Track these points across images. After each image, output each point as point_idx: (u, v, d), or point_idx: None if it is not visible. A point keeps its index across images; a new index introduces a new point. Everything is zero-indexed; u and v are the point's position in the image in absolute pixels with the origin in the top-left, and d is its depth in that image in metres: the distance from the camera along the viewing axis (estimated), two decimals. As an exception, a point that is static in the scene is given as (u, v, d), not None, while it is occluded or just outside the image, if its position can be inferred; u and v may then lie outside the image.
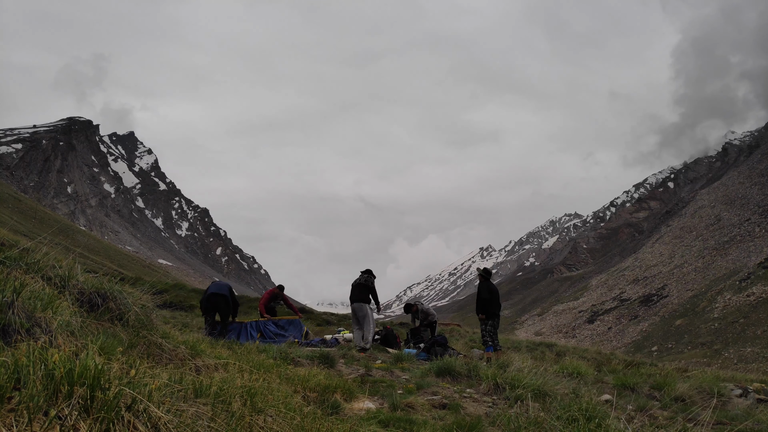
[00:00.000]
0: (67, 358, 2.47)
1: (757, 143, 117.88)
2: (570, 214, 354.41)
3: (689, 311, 57.48)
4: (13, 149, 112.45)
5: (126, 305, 4.42)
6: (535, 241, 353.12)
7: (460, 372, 7.40)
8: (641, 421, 5.14)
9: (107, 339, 3.51)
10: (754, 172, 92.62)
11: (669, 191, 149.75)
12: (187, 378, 3.41)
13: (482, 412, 5.57)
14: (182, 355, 4.39)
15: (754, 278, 55.04)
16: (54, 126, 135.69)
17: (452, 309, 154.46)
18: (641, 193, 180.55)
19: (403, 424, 4.66)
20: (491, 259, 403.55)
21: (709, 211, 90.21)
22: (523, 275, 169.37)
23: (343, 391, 5.47)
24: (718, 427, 5.75)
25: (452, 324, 28.11)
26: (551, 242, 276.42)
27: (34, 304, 3.29)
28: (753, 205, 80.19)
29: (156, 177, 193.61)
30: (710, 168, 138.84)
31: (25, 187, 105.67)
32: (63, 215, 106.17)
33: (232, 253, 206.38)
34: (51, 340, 3.07)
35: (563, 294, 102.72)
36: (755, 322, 45.47)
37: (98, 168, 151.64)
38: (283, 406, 3.53)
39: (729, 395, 7.92)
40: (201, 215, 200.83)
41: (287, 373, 5.58)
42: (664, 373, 10.21)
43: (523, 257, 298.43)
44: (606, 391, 7.29)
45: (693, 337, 49.51)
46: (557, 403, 5.18)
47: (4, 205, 63.81)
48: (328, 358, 7.83)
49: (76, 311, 3.79)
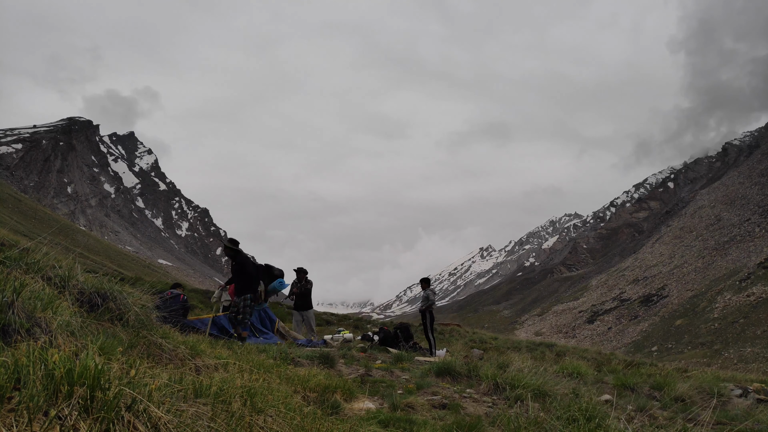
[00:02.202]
0: (67, 358, 2.47)
1: (757, 143, 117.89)
2: (570, 214, 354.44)
3: (689, 311, 57.47)
4: (13, 149, 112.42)
5: (126, 305, 4.42)
6: (535, 241, 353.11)
7: (460, 372, 7.40)
8: (641, 421, 5.14)
9: (107, 339, 3.51)
10: (754, 172, 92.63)
11: (669, 191, 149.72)
12: (187, 378, 3.40)
13: (482, 412, 5.57)
14: (182, 355, 4.39)
15: (754, 278, 55.04)
16: (54, 126, 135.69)
17: (452, 309, 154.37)
18: (641, 193, 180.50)
19: (403, 424, 4.66)
20: (491, 259, 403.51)
21: (709, 211, 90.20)
22: (523, 275, 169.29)
23: (343, 391, 5.47)
24: (718, 427, 5.75)
25: (452, 324, 28.10)
26: (551, 242, 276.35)
27: (34, 304, 3.29)
28: (753, 205, 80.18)
29: (156, 177, 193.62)
30: (710, 168, 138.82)
31: (25, 187, 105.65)
32: (63, 215, 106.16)
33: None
34: (51, 340, 3.07)
35: (563, 294, 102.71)
36: (755, 322, 45.47)
37: (98, 168, 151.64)
38: (283, 406, 3.53)
39: (729, 395, 7.91)
40: (201, 215, 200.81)
41: (287, 373, 5.58)
42: (664, 373, 10.21)
43: (523, 257, 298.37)
44: (606, 391, 7.29)
45: (693, 337, 49.50)
46: (557, 403, 5.18)
47: (4, 205, 63.80)
48: (328, 358, 7.83)
49: (76, 311, 3.79)
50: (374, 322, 25.55)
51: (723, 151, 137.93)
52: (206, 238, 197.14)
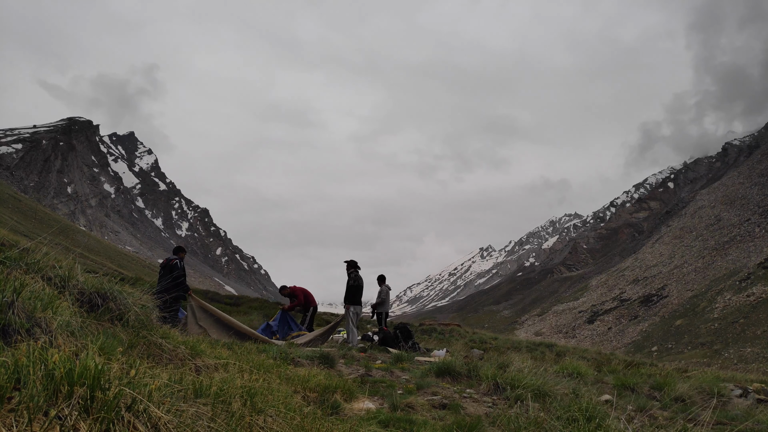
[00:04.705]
0: (67, 358, 2.47)
1: (757, 143, 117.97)
2: (570, 214, 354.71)
3: (689, 311, 57.48)
4: (13, 149, 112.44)
5: (126, 305, 4.42)
6: (535, 241, 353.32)
7: (460, 372, 7.40)
8: (641, 421, 5.14)
9: (107, 339, 3.51)
10: (754, 172, 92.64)
11: (669, 191, 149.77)
12: (187, 378, 3.40)
13: (482, 412, 5.57)
14: (182, 355, 4.39)
15: (754, 278, 55.05)
16: (54, 126, 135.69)
17: (452, 309, 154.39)
18: (641, 193, 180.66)
19: (403, 424, 4.66)
20: (491, 259, 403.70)
21: (709, 211, 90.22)
22: (523, 275, 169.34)
23: (343, 392, 5.47)
24: (718, 427, 5.75)
25: (452, 324, 28.12)
26: (551, 242, 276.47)
27: (34, 304, 3.29)
28: (753, 205, 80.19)
29: (156, 177, 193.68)
30: (710, 168, 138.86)
31: (25, 187, 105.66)
32: (63, 215, 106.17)
33: (232, 253, 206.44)
34: (51, 340, 3.07)
35: (563, 294, 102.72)
36: (755, 322, 45.48)
37: (98, 168, 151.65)
38: (283, 407, 3.52)
39: (729, 395, 7.91)
40: (201, 215, 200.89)
41: (287, 373, 5.58)
42: (664, 373, 10.21)
43: (523, 257, 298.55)
44: (606, 392, 7.28)
45: (693, 337, 49.51)
46: (557, 403, 5.18)
47: (4, 205, 63.81)
48: (328, 358, 7.83)
49: (76, 311, 3.79)
50: (374, 322, 25.57)
51: (723, 151, 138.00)
52: (206, 238, 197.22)
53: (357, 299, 12.48)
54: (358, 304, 12.52)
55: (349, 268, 12.71)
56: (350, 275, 12.60)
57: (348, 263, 12.79)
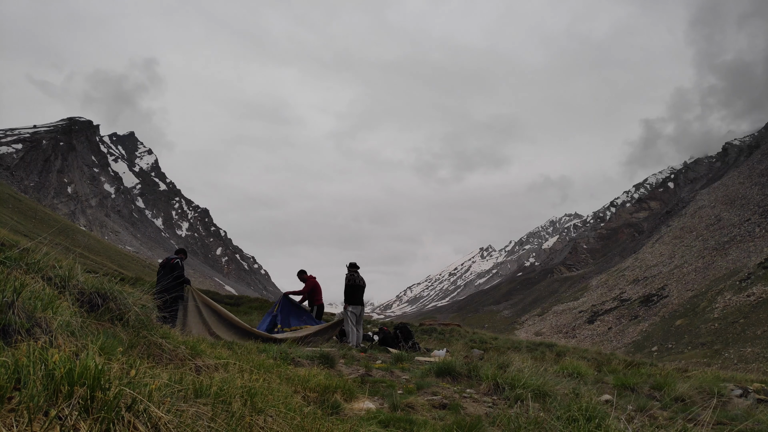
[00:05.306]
0: (67, 358, 2.47)
1: (757, 143, 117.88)
2: (570, 214, 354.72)
3: (689, 311, 57.47)
4: (13, 149, 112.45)
5: (126, 305, 4.42)
6: (535, 241, 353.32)
7: (460, 372, 7.40)
8: (641, 421, 5.14)
9: (107, 339, 3.51)
10: (754, 172, 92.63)
11: (669, 191, 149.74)
12: (187, 378, 3.40)
13: (482, 412, 5.57)
14: (182, 355, 4.39)
15: (754, 278, 55.04)
16: (54, 126, 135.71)
17: (452, 309, 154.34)
18: (641, 193, 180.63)
19: (403, 424, 4.66)
20: (491, 259, 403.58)
21: (709, 211, 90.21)
22: (523, 275, 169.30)
23: (343, 392, 5.47)
24: (718, 427, 5.75)
25: (452, 324, 28.12)
26: (551, 242, 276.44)
27: (35, 304, 3.29)
28: (753, 205, 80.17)
29: (156, 177, 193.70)
30: (710, 168, 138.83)
31: (26, 188, 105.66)
32: (63, 215, 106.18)
33: (232, 253, 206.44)
34: (51, 340, 3.07)
35: (563, 294, 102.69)
36: (755, 322, 45.47)
37: (98, 168, 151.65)
38: (283, 407, 3.52)
39: (729, 395, 7.91)
40: (201, 215, 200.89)
41: (287, 373, 5.57)
42: (664, 373, 10.20)
43: (523, 257, 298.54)
44: (606, 391, 7.28)
45: (693, 337, 49.50)
46: (557, 403, 5.17)
47: (4, 205, 63.82)
48: (328, 358, 7.83)
49: (77, 311, 3.79)
50: (374, 322, 25.60)
51: (723, 151, 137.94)
52: (206, 238, 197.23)
53: (353, 299, 12.54)
54: (356, 304, 12.56)
55: (348, 269, 12.83)
56: (346, 276, 12.75)
57: (348, 265, 12.94)
